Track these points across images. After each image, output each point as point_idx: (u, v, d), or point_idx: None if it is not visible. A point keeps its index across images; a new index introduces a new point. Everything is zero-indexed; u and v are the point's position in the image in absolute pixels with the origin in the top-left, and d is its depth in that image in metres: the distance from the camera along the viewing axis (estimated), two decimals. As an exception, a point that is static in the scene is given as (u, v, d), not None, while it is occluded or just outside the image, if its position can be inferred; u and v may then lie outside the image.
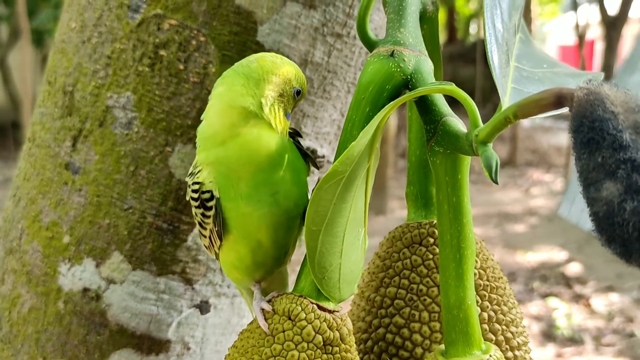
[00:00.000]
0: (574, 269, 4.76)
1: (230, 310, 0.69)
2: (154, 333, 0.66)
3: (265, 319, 0.46)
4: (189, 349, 0.68)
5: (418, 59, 0.46)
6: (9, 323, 0.69)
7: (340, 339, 0.46)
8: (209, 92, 0.63)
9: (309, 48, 0.64)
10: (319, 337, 0.45)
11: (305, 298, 0.46)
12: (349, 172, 0.43)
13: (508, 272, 4.77)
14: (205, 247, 0.51)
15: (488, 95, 9.62)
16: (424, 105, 0.44)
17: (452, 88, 0.41)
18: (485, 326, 0.53)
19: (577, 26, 7.98)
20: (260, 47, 0.63)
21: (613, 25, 8.13)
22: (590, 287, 4.41)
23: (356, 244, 0.48)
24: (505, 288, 0.55)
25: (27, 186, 0.71)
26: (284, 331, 0.45)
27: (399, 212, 6.38)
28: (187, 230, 0.65)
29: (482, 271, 0.54)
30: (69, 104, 0.67)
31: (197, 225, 0.49)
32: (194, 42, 0.62)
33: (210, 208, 0.47)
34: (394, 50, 0.45)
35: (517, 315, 0.55)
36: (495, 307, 0.54)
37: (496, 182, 0.38)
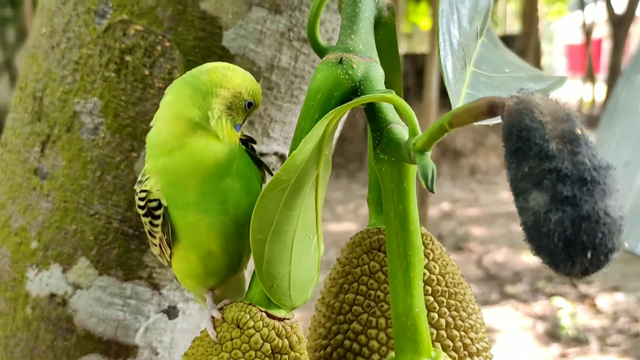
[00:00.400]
0: (578, 269, 4.72)
1: (199, 315, 0.69)
2: (122, 338, 0.66)
3: (215, 328, 0.46)
4: (157, 354, 0.68)
5: (367, 65, 0.45)
6: (-20, 328, 0.70)
7: (290, 347, 0.46)
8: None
9: (275, 53, 0.64)
10: (267, 345, 0.45)
11: (254, 306, 0.46)
12: (294, 181, 0.43)
13: (513, 272, 4.76)
14: (157, 255, 0.51)
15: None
16: (371, 112, 0.44)
17: (392, 96, 0.40)
18: (443, 332, 0.52)
19: (584, 25, 7.96)
20: (225, 52, 0.63)
21: (620, 24, 8.10)
22: (595, 287, 4.39)
23: (307, 252, 0.48)
24: (465, 294, 0.55)
25: (-2, 191, 0.71)
26: (232, 339, 0.45)
27: (441, 222, 6.36)
28: (154, 236, 0.65)
29: (440, 277, 0.53)
30: (38, 110, 0.67)
31: (147, 234, 0.49)
32: (159, 48, 0.62)
33: (158, 217, 0.47)
34: (342, 57, 0.45)
35: (478, 321, 0.55)
36: (454, 312, 0.53)
37: (432, 191, 0.37)
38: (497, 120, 0.37)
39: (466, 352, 0.53)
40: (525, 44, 8.02)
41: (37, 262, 0.66)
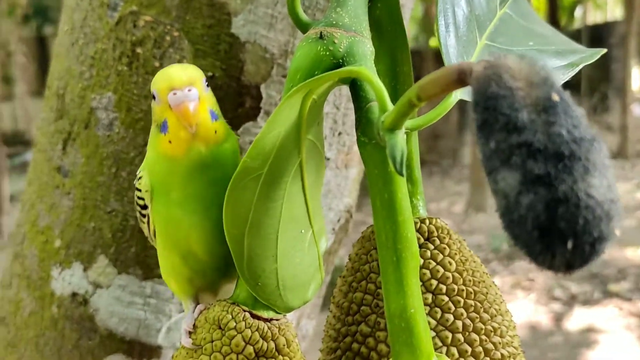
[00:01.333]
0: None
1: (223, 315, 0.67)
2: (144, 338, 0.64)
3: (189, 335, 0.43)
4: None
5: (352, 40, 0.41)
6: (15, 327, 0.70)
7: (277, 350, 0.42)
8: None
9: (289, 38, 0.61)
10: (250, 348, 0.42)
11: (237, 305, 0.43)
12: (268, 168, 0.39)
13: (617, 269, 4.51)
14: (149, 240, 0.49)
15: (596, 85, 9.14)
16: (354, 91, 0.39)
17: (360, 70, 0.36)
18: (460, 336, 0.47)
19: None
20: (234, 40, 0.60)
21: None
22: None
23: (299, 247, 0.44)
24: (487, 293, 0.49)
25: (29, 191, 0.71)
26: (212, 341, 0.42)
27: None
28: (174, 233, 0.63)
29: (457, 274, 0.48)
30: (61, 107, 0.67)
31: (137, 215, 0.48)
32: (168, 38, 0.60)
33: (144, 215, 0.46)
34: (322, 32, 0.40)
35: (503, 324, 0.49)
36: (473, 314, 0.48)
37: (401, 174, 0.33)
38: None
39: (488, 358, 0.47)
40: (627, 29, 7.60)
41: (60, 261, 0.65)
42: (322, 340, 0.53)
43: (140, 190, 0.46)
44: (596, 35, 9.15)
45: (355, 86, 0.39)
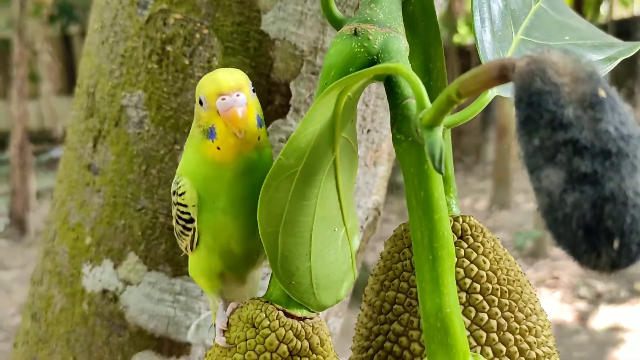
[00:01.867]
0: None
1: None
2: (173, 335, 0.65)
3: (224, 333, 0.43)
4: (210, 352, 0.66)
5: (387, 36, 0.40)
6: (46, 323, 0.71)
7: (311, 349, 0.42)
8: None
9: (319, 35, 0.60)
10: (284, 347, 0.41)
11: (271, 304, 0.43)
12: (303, 166, 0.39)
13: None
14: (182, 248, 0.49)
15: (622, 80, 9.02)
16: (389, 87, 0.39)
17: (398, 66, 0.36)
18: (494, 335, 0.46)
19: None
20: (264, 37, 0.60)
21: None
22: None
23: (332, 245, 0.43)
24: (522, 292, 0.48)
25: (60, 188, 0.72)
26: (246, 340, 0.42)
27: (524, 205, 6.13)
28: (203, 230, 0.63)
29: (491, 273, 0.48)
30: (91, 105, 0.67)
31: (176, 227, 0.47)
32: (197, 36, 0.60)
33: (189, 229, 0.46)
34: (356, 29, 0.40)
35: (538, 323, 0.49)
36: (507, 313, 0.47)
37: (440, 172, 0.32)
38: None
39: (523, 358, 0.47)
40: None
41: (90, 258, 0.66)
42: (353, 338, 0.53)
43: (185, 206, 0.45)
44: (622, 30, 9.03)
45: (391, 83, 0.39)
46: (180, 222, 0.46)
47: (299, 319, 0.43)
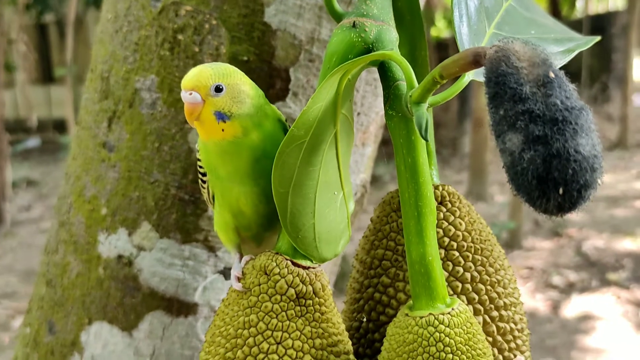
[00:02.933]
0: (685, 253, 4.51)
1: (252, 277, 0.74)
2: (182, 296, 0.72)
3: (239, 280, 0.51)
4: (215, 311, 0.73)
5: (380, 28, 0.48)
6: (62, 288, 0.77)
7: (314, 293, 0.50)
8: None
9: (315, 26, 0.68)
10: (292, 290, 0.49)
11: (280, 255, 0.50)
12: (310, 137, 0.46)
13: (615, 259, 4.59)
14: (208, 203, 0.57)
15: (596, 75, 9.20)
16: (382, 71, 0.47)
17: (391, 53, 0.43)
18: (468, 285, 0.54)
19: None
20: (267, 28, 0.67)
21: None
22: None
23: (332, 206, 0.51)
24: (492, 250, 0.57)
25: (74, 165, 0.78)
26: (259, 284, 0.49)
27: (499, 197, 6.25)
28: (209, 202, 0.71)
29: (466, 233, 0.55)
30: (105, 89, 0.74)
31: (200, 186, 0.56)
32: (207, 26, 0.67)
33: (205, 181, 0.54)
34: (355, 21, 0.48)
35: (506, 277, 0.57)
36: (480, 267, 0.55)
37: (426, 139, 0.40)
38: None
39: (492, 305, 0.55)
40: (629, 19, 7.65)
41: (106, 227, 0.73)
42: (346, 292, 0.61)
43: (200, 160, 0.54)
44: (597, 25, 9.17)
45: (384, 67, 0.47)
46: (199, 175, 0.54)
47: (304, 267, 0.50)
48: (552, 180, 0.34)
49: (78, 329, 0.75)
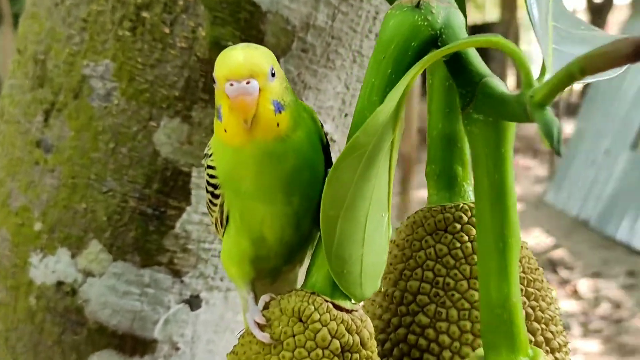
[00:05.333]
0: (560, 255, 4.75)
1: (223, 306, 0.62)
2: (138, 332, 0.59)
3: (262, 329, 0.39)
4: (177, 349, 0.60)
5: (448, 10, 0.38)
6: (-24, 321, 0.62)
7: (361, 344, 0.39)
8: (199, 59, 0.55)
9: (311, 10, 0.57)
10: (336, 342, 0.38)
11: (318, 295, 0.39)
12: (372, 145, 0.36)
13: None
14: (215, 228, 0.44)
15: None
16: (458, 64, 0.37)
17: (500, 39, 0.34)
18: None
19: (563, 12, 7.96)
20: (256, 9, 0.55)
21: (599, 12, 8.13)
22: (576, 273, 4.40)
23: (379, 231, 0.41)
24: (542, 281, 0.48)
25: (-7, 167, 0.63)
26: (294, 335, 0.38)
27: (419, 192, 6.29)
28: (174, 216, 0.58)
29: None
30: (41, 74, 0.59)
31: (206, 196, 0.42)
32: (181, 3, 0.55)
33: (217, 196, 0.41)
34: (419, 1, 0.38)
35: (556, 312, 0.49)
36: (533, 302, 0.47)
37: (559, 153, 0.31)
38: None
39: (548, 348, 0.47)
40: (504, 31, 8.02)
41: (41, 246, 0.58)
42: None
43: (212, 168, 0.41)
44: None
45: (460, 60, 0.37)
46: (209, 188, 0.41)
47: (347, 311, 0.40)
48: None
49: (-2, 373, 0.60)
